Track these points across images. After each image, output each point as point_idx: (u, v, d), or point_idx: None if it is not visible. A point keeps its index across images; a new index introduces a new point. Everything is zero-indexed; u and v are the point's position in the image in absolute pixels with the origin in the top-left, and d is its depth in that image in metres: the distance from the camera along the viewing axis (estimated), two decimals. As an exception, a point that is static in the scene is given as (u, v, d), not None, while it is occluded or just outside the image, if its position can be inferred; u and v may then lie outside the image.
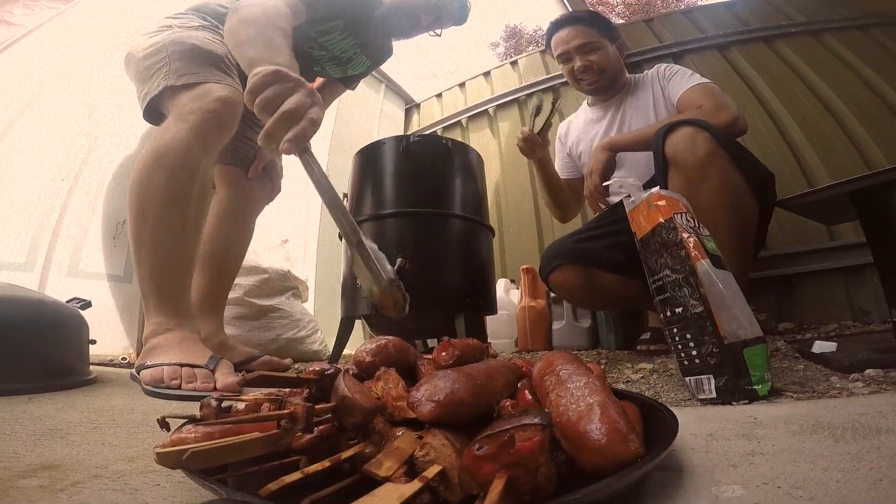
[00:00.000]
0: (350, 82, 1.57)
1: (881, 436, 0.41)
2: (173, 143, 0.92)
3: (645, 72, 1.47)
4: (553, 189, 1.51)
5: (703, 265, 0.67)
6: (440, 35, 1.46)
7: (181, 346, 0.86)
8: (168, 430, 0.32)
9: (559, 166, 1.62)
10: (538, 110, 1.43)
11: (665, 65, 1.43)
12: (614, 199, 1.46)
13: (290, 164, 2.35)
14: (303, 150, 0.68)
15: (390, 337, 0.44)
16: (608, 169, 1.19)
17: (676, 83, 1.32)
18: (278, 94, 0.70)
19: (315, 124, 0.71)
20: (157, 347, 0.86)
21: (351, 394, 0.32)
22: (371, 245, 0.62)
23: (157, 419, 0.32)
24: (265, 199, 1.44)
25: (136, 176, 0.93)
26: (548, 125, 1.42)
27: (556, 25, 1.48)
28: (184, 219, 0.93)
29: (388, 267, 0.61)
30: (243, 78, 0.97)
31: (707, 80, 1.28)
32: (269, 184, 1.43)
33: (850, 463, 0.35)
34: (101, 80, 1.81)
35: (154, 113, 1.05)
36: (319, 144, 2.65)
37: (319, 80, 1.56)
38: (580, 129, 1.57)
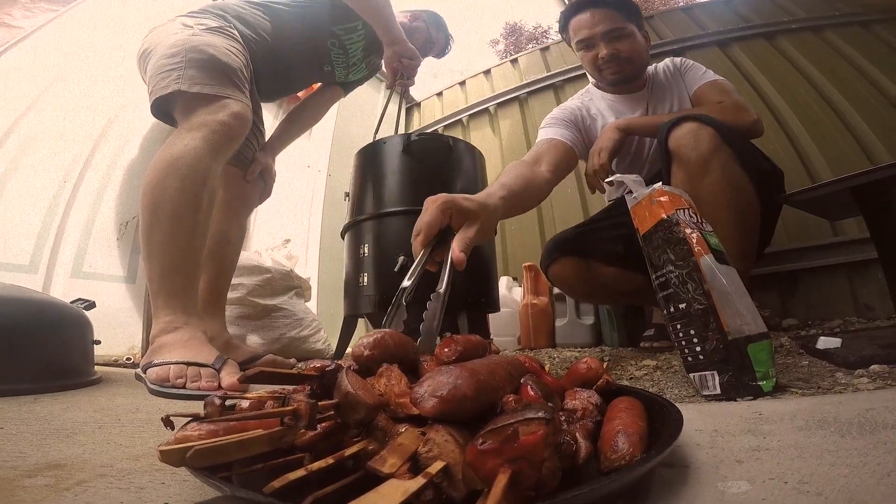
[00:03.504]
0: (347, 87, 1.61)
1: (888, 431, 0.41)
2: (186, 151, 0.96)
3: (655, 65, 1.42)
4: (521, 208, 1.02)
5: (707, 260, 0.67)
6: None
7: (188, 346, 0.86)
8: (172, 428, 0.32)
9: (560, 129, 1.33)
10: None
11: (680, 58, 1.41)
12: (614, 192, 1.45)
13: (290, 169, 2.36)
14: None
15: (387, 329, 0.44)
16: (617, 149, 1.17)
17: (692, 77, 1.31)
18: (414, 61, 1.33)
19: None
20: (164, 346, 0.86)
21: (354, 390, 0.32)
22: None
23: (162, 418, 0.32)
24: (257, 200, 1.45)
25: (150, 180, 0.96)
26: None
27: (577, 7, 1.32)
28: (194, 221, 0.96)
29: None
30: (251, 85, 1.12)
31: (721, 77, 1.28)
32: (261, 185, 1.44)
33: (858, 458, 0.35)
34: (102, 81, 1.81)
35: (161, 110, 1.08)
36: (320, 144, 2.65)
37: (317, 86, 1.61)
38: (605, 114, 1.38)
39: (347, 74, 1.49)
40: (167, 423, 0.32)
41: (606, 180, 1.13)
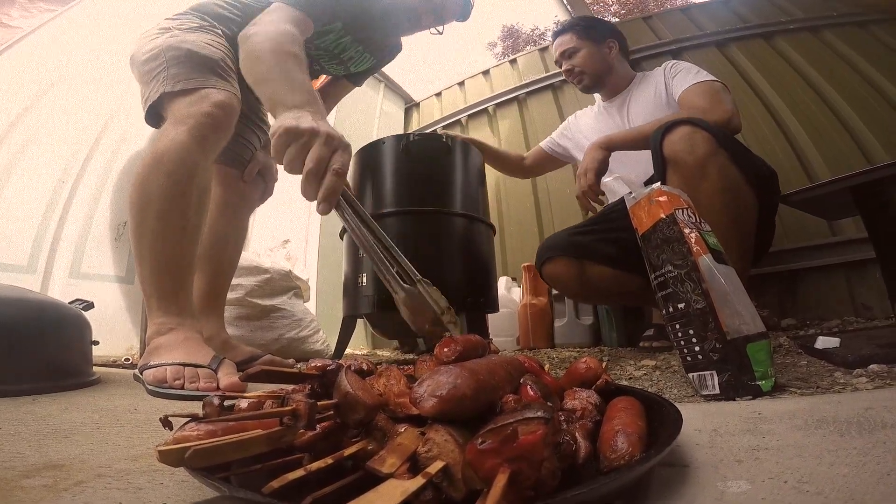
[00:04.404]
0: (356, 79, 1.55)
1: (887, 430, 0.41)
2: (171, 145, 0.93)
3: (655, 68, 1.47)
4: (500, 164, 1.73)
5: (705, 260, 0.67)
6: (442, 33, 1.47)
7: (184, 346, 0.85)
8: (171, 428, 0.32)
9: (549, 140, 1.71)
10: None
11: (673, 61, 1.42)
12: (609, 199, 1.46)
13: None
14: (336, 205, 0.70)
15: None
16: (602, 168, 1.18)
17: (679, 81, 1.32)
18: (298, 154, 0.71)
19: (341, 175, 0.70)
20: (160, 347, 0.86)
21: (353, 390, 0.31)
22: (425, 282, 0.67)
23: (160, 418, 0.32)
24: (258, 200, 1.43)
25: (137, 178, 0.94)
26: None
27: (552, 38, 1.62)
28: (184, 219, 0.94)
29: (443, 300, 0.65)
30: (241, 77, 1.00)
31: (710, 78, 1.27)
32: (262, 185, 1.42)
33: (857, 458, 0.35)
34: (100, 81, 1.81)
35: (155, 117, 1.06)
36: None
37: (326, 79, 1.54)
38: (591, 122, 1.59)
39: (347, 68, 1.42)
40: (165, 423, 0.32)
41: (605, 180, 1.13)
